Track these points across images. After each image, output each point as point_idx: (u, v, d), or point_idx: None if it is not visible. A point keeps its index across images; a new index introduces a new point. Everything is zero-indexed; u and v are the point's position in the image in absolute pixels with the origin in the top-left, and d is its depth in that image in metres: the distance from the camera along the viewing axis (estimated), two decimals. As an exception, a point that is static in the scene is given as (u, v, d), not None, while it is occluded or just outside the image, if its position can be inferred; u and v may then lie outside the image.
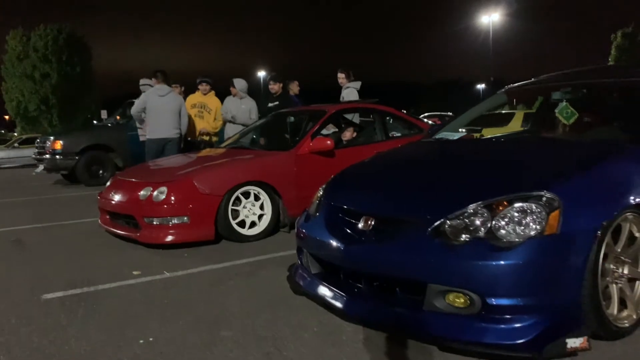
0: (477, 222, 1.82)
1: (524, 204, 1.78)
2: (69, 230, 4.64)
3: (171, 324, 2.29)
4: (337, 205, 2.34)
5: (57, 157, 8.00)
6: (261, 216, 3.94)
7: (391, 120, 5.55)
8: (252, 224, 3.90)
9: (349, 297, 2.12)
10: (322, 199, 2.51)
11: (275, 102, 6.14)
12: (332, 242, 2.18)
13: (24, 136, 19.29)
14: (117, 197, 3.95)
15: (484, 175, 2.14)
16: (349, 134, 5.00)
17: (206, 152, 4.95)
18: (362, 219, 2.12)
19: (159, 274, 3.08)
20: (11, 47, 26.87)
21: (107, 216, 4.08)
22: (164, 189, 3.64)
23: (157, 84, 5.66)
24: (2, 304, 2.63)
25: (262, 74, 39.19)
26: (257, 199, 3.92)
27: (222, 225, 3.73)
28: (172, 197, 3.60)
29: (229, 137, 5.55)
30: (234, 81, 6.09)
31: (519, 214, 1.77)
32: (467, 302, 1.77)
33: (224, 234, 3.78)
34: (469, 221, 1.83)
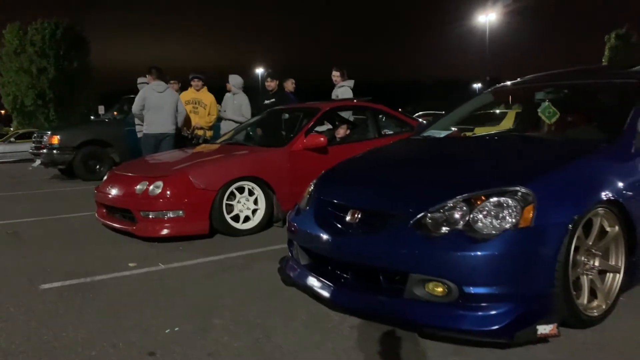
0: (457, 215, 1.91)
1: (501, 199, 1.88)
2: (66, 223, 4.72)
3: (165, 313, 2.38)
4: (327, 199, 2.44)
5: (55, 151, 8.06)
6: (255, 211, 4.03)
7: (384, 118, 5.64)
8: (246, 219, 3.99)
9: (336, 287, 2.22)
10: (312, 193, 2.61)
11: (271, 99, 6.25)
12: (321, 235, 2.27)
13: (21, 131, 19.29)
14: (113, 191, 4.02)
15: (465, 171, 2.24)
16: (342, 131, 5.09)
17: (202, 147, 5.03)
18: (349, 212, 2.22)
19: (154, 266, 3.17)
20: (8, 41, 26.79)
21: (104, 210, 4.16)
22: (160, 184, 3.72)
23: (152, 81, 5.75)
24: (1, 293, 2.70)
25: (260, 70, 39.18)
26: (251, 194, 4.01)
27: (217, 219, 3.82)
28: (168, 192, 3.68)
29: (224, 133, 5.64)
30: (229, 77, 6.22)
31: (495, 208, 1.87)
32: (445, 291, 1.87)
33: (219, 228, 3.87)
34: (449, 214, 1.92)
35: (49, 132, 8.37)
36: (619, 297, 2.15)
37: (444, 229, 1.91)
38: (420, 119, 5.92)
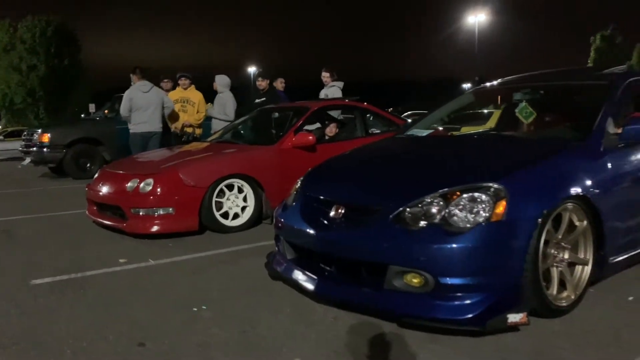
0: (434, 210, 2.01)
1: (474, 194, 1.98)
2: (57, 220, 4.75)
3: (154, 306, 2.45)
4: (312, 195, 2.53)
5: (45, 149, 8.04)
6: (244, 208, 4.10)
7: (372, 117, 5.73)
8: (235, 216, 4.06)
9: (320, 280, 2.31)
10: (299, 189, 2.69)
11: (262, 98, 6.33)
12: (306, 229, 2.36)
13: (10, 129, 19.13)
14: (104, 189, 4.07)
15: (443, 168, 2.35)
16: (331, 130, 5.17)
17: (192, 145, 5.09)
18: (333, 208, 2.31)
19: (144, 261, 3.23)
20: (-3, 37, 26.52)
21: (95, 207, 4.21)
22: (151, 181, 3.78)
23: (137, 81, 5.80)
24: (-7, 288, 2.76)
25: (252, 69, 39.17)
26: (240, 191, 4.08)
27: (206, 216, 3.88)
28: (158, 189, 3.74)
29: (215, 132, 5.70)
30: (216, 77, 6.33)
31: (469, 203, 1.97)
32: (422, 282, 1.96)
33: (208, 224, 3.93)
34: (426, 209, 2.02)
35: (40, 130, 8.34)
36: (587, 288, 2.26)
37: (422, 223, 2.01)
38: (408, 119, 6.02)
